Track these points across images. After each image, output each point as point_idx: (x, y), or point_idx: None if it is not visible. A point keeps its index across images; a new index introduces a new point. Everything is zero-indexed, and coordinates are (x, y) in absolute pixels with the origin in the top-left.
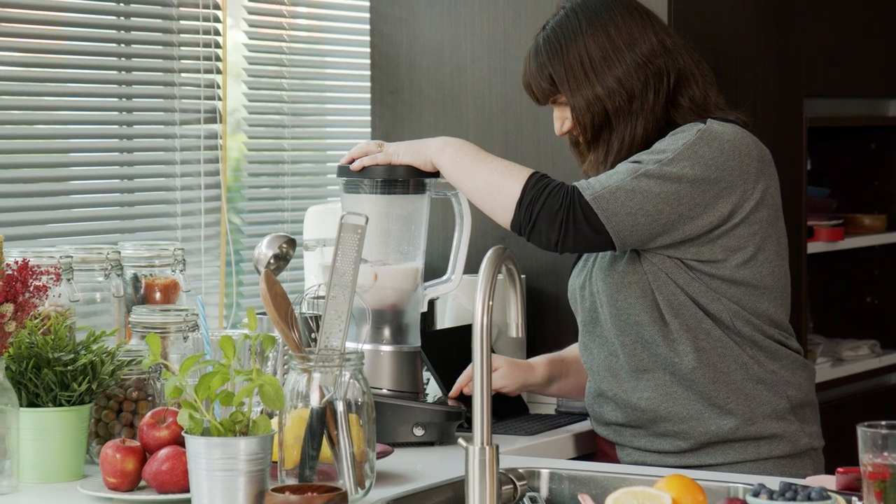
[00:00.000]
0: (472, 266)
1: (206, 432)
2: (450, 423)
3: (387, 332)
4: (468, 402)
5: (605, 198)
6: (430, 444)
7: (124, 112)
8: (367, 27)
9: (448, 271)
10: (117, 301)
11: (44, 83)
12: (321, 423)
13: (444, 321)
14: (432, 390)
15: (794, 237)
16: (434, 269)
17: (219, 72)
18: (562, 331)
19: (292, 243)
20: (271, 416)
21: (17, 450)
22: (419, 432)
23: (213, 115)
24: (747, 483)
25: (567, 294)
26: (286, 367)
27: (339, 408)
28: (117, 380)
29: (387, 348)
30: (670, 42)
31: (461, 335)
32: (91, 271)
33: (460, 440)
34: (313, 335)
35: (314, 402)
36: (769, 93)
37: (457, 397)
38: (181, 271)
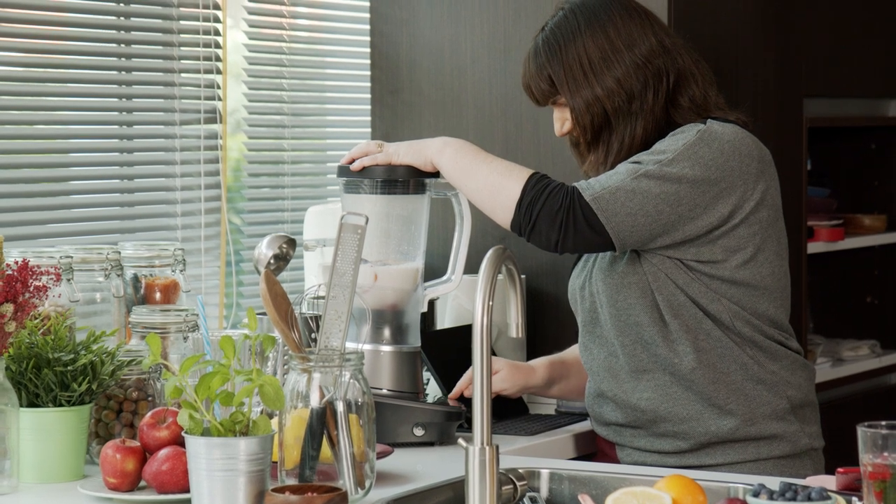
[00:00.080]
0: (472, 266)
1: (206, 432)
2: (450, 424)
3: (387, 332)
4: (468, 402)
5: (605, 198)
6: (430, 444)
7: (124, 112)
8: (367, 27)
9: (448, 271)
10: (117, 301)
11: (44, 83)
12: (321, 424)
13: (444, 321)
14: (432, 390)
15: (794, 237)
16: (434, 269)
17: (219, 72)
18: (562, 331)
19: (292, 243)
20: (271, 416)
21: (17, 450)
22: (419, 432)
23: (213, 115)
24: (747, 483)
25: (567, 294)
26: (286, 367)
27: (339, 408)
28: (117, 380)
29: (387, 348)
30: (669, 42)
31: (461, 335)
32: (91, 271)
33: (460, 440)
34: (313, 335)
35: (314, 402)
36: (769, 93)
37: (457, 398)
38: (181, 271)
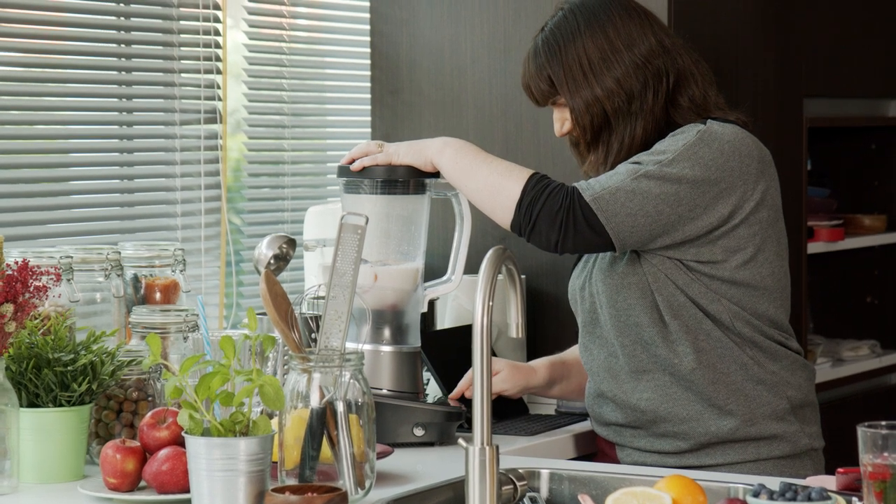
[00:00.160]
0: (472, 266)
1: (206, 433)
2: (450, 424)
3: (387, 332)
4: (468, 403)
5: (604, 199)
6: (430, 444)
7: (124, 112)
8: (367, 27)
9: (448, 272)
10: (117, 301)
11: (44, 83)
12: (321, 424)
13: (444, 321)
14: (432, 390)
15: (794, 237)
16: (434, 269)
17: (219, 72)
18: (562, 331)
19: (292, 243)
20: (271, 416)
21: (18, 450)
22: (419, 432)
23: (213, 116)
24: (747, 483)
25: (567, 294)
26: (286, 367)
27: (339, 408)
28: (117, 380)
29: (387, 348)
30: (669, 42)
31: (461, 335)
32: (91, 271)
33: (460, 440)
34: (313, 335)
35: (314, 402)
36: (769, 93)
37: (457, 398)
38: (181, 271)
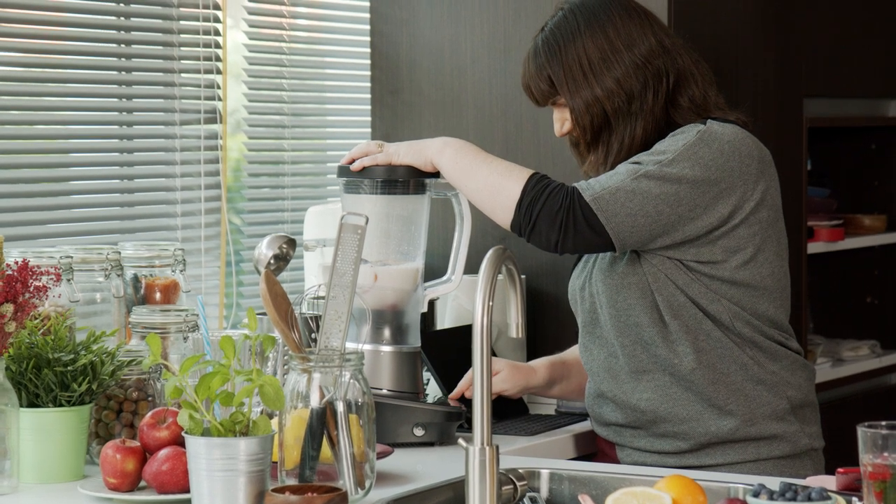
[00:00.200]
0: (472, 266)
1: (206, 433)
2: (450, 424)
3: (387, 332)
4: (468, 403)
5: (605, 199)
6: (430, 444)
7: (124, 112)
8: (367, 27)
9: (448, 272)
10: (117, 301)
11: (44, 83)
12: (321, 424)
13: (444, 321)
14: (432, 390)
15: (794, 237)
16: (434, 269)
17: (219, 72)
18: (562, 331)
19: (292, 243)
20: (271, 416)
21: (18, 450)
22: (419, 433)
23: (213, 116)
24: (747, 483)
25: (567, 294)
26: (286, 367)
27: (339, 408)
28: (117, 380)
29: (387, 348)
30: (669, 42)
31: (461, 335)
32: (91, 271)
33: (460, 440)
34: (313, 335)
35: (314, 402)
36: (769, 93)
37: (457, 398)
38: (181, 271)
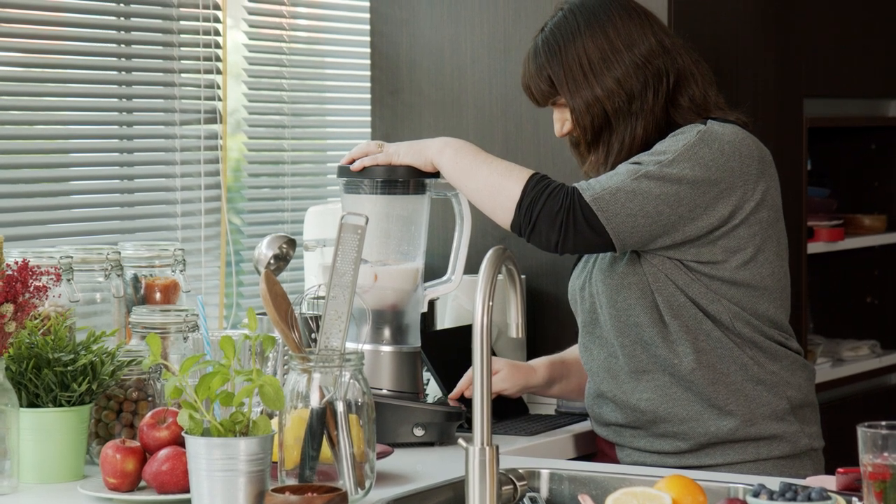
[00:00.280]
0: (472, 266)
1: (206, 433)
2: (450, 424)
3: (387, 332)
4: (468, 403)
5: (605, 199)
6: (430, 444)
7: (124, 112)
8: (367, 27)
9: (448, 272)
10: (117, 301)
11: (44, 83)
12: (321, 424)
13: (444, 321)
14: (432, 390)
15: (794, 237)
16: (434, 269)
17: (219, 72)
18: (562, 331)
19: (292, 243)
20: (271, 416)
21: (17, 450)
22: (419, 433)
23: (213, 116)
24: (747, 483)
25: (567, 294)
26: (286, 367)
27: (339, 408)
28: (117, 380)
29: (387, 348)
30: (669, 42)
31: (461, 335)
32: (91, 271)
33: (460, 440)
34: (313, 335)
35: (314, 402)
36: (769, 93)
37: (457, 398)
38: (181, 271)
